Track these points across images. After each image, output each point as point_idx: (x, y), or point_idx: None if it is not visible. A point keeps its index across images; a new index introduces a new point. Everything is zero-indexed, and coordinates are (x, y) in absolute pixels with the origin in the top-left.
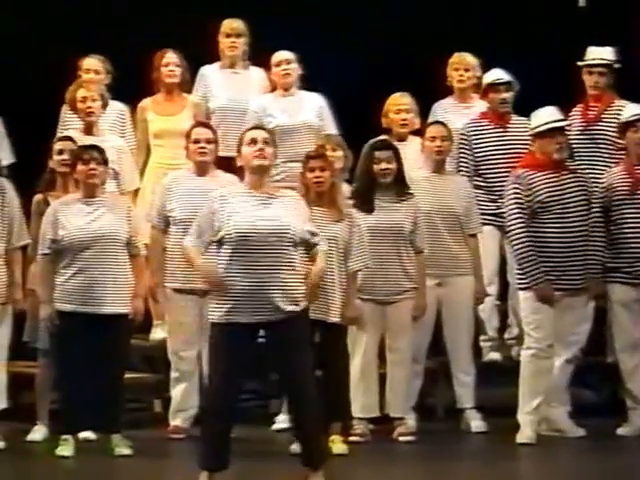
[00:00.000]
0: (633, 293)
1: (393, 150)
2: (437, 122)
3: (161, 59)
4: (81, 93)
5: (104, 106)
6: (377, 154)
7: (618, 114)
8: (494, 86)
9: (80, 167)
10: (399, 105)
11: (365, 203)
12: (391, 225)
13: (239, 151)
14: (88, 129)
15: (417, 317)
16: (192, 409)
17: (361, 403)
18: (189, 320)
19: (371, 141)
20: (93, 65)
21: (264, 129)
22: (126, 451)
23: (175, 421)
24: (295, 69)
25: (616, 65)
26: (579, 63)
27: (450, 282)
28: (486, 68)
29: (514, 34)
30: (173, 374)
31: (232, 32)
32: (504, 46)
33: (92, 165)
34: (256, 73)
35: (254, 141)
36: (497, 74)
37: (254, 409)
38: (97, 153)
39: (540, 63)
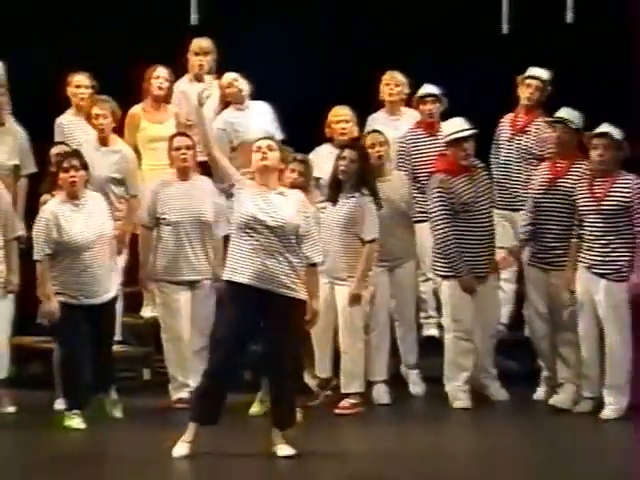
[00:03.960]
0: (543, 276)
1: (356, 150)
2: (374, 131)
3: (152, 72)
4: (95, 111)
5: (116, 120)
6: (343, 153)
7: (541, 128)
8: (423, 99)
9: (62, 175)
10: (339, 116)
11: (330, 197)
12: (338, 219)
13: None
14: (102, 140)
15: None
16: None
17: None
18: (179, 306)
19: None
20: (82, 81)
21: (268, 138)
22: (118, 414)
23: (179, 394)
24: (241, 86)
25: (549, 87)
26: (519, 77)
27: (399, 267)
28: (419, 84)
29: (446, 55)
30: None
31: (200, 51)
32: (437, 65)
33: (72, 173)
34: (217, 86)
35: (259, 148)
36: (427, 89)
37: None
38: (76, 160)
39: (467, 79)
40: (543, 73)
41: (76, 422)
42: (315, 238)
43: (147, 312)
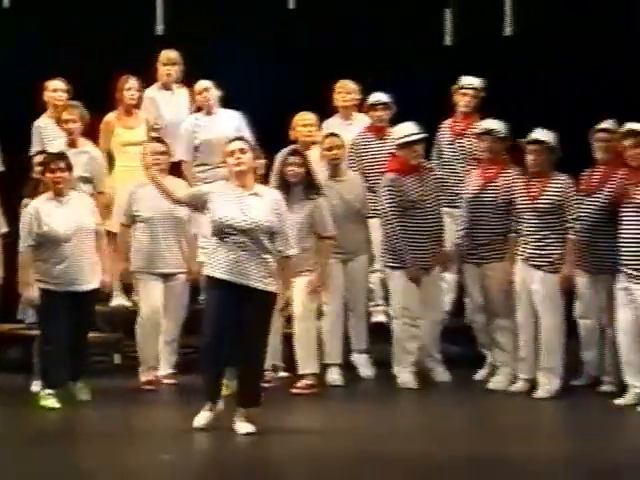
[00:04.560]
0: (477, 270)
1: (301, 156)
2: (332, 134)
3: (125, 83)
4: (64, 116)
5: (84, 124)
6: (289, 159)
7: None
8: (374, 106)
9: (48, 175)
10: (304, 120)
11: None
12: (299, 221)
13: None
14: (71, 143)
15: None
16: (155, 364)
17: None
18: (154, 295)
19: (285, 149)
20: (59, 86)
21: (239, 139)
22: (86, 397)
23: (146, 375)
24: (214, 94)
25: (482, 94)
26: (454, 87)
27: (353, 260)
28: (370, 91)
29: (395, 64)
30: (142, 337)
31: (168, 61)
32: (387, 74)
33: (57, 173)
34: (184, 93)
35: (232, 152)
36: (377, 97)
37: None
38: (62, 162)
39: (414, 87)
40: (476, 81)
41: (51, 402)
42: (288, 234)
43: (117, 301)
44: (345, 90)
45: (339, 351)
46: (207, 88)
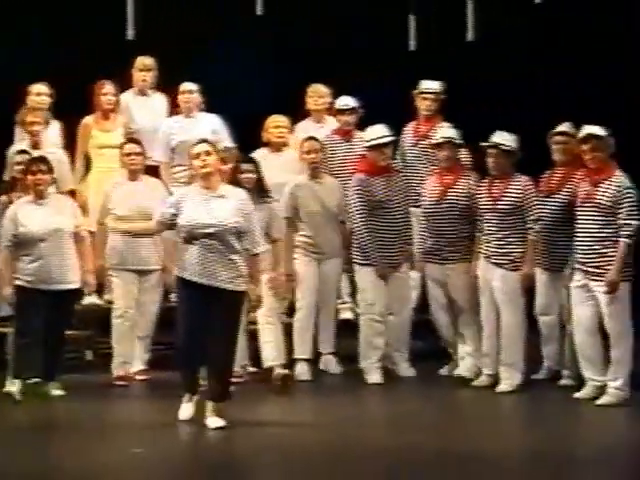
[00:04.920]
0: (441, 270)
1: (254, 163)
2: (311, 138)
3: (101, 89)
4: (29, 118)
5: (46, 125)
6: (243, 166)
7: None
8: (341, 110)
9: (29, 177)
10: (277, 122)
11: None
12: None
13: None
14: (35, 145)
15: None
16: (127, 359)
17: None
18: (128, 291)
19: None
20: (42, 90)
21: (205, 141)
22: (59, 392)
23: (118, 370)
24: (195, 97)
25: (442, 95)
26: (414, 91)
27: (326, 261)
28: (337, 94)
29: (361, 69)
30: (116, 332)
31: (144, 67)
32: (353, 78)
33: (38, 175)
34: (160, 98)
35: (197, 155)
36: (344, 101)
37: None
38: (43, 165)
39: (379, 90)
40: (436, 85)
41: (16, 389)
42: (255, 232)
43: (89, 299)
44: (317, 94)
45: (309, 347)
46: (191, 90)
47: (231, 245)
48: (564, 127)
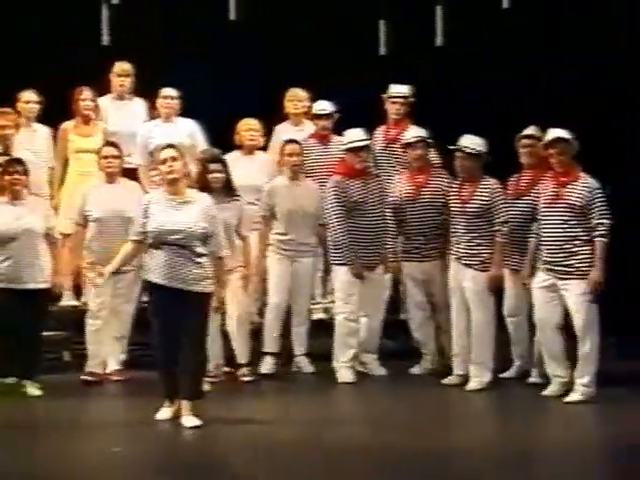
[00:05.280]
0: (418, 268)
1: (222, 163)
2: (292, 141)
3: (80, 94)
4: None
5: (17, 130)
6: (210, 166)
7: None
8: (318, 115)
9: (6, 177)
10: (249, 125)
11: None
12: (222, 220)
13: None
14: (6, 149)
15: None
16: (102, 358)
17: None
18: (105, 291)
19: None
20: (32, 97)
21: (171, 146)
22: (36, 392)
23: (91, 367)
24: (175, 103)
25: (411, 99)
26: (384, 95)
27: (300, 261)
28: (316, 98)
29: (332, 73)
30: (89, 332)
31: (122, 73)
32: (325, 82)
33: (15, 176)
34: (139, 103)
35: (164, 161)
36: (321, 105)
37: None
38: (19, 166)
39: (351, 95)
40: (404, 89)
41: None
42: (220, 236)
43: (66, 301)
44: (296, 98)
45: (276, 342)
46: (171, 96)
47: (197, 248)
48: (530, 130)
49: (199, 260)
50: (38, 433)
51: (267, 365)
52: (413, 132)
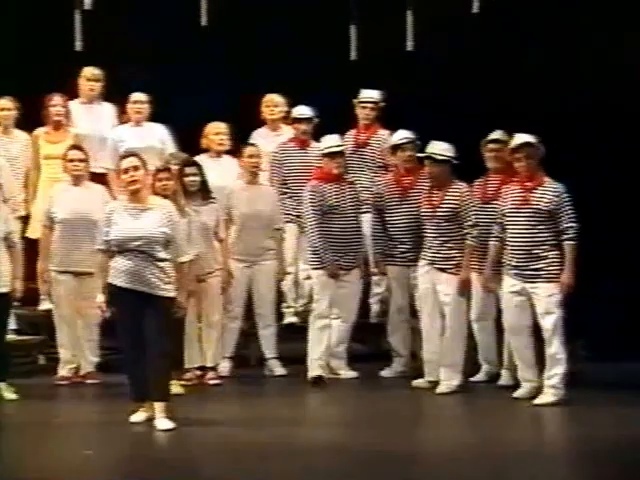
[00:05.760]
0: (403, 272)
1: (197, 166)
2: (251, 144)
3: (50, 101)
4: None
5: None
6: (186, 169)
7: (382, 140)
8: (298, 119)
9: None
10: (217, 129)
11: (179, 208)
12: (199, 223)
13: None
14: None
15: (224, 289)
16: (74, 362)
17: (187, 356)
18: (68, 294)
19: (183, 160)
20: (6, 105)
21: (133, 154)
22: (12, 396)
23: (63, 371)
24: (146, 108)
25: (381, 103)
26: (354, 100)
27: (257, 265)
28: (294, 104)
29: (304, 79)
30: (59, 335)
31: (92, 78)
32: (298, 88)
33: None
34: (108, 107)
35: (126, 170)
36: (301, 110)
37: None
38: None
39: (322, 100)
40: (374, 94)
41: None
42: (180, 242)
43: (43, 305)
44: (273, 103)
45: (231, 346)
46: (142, 101)
47: (159, 254)
48: (497, 135)
49: (161, 265)
50: (11, 436)
51: (224, 368)
52: (401, 134)
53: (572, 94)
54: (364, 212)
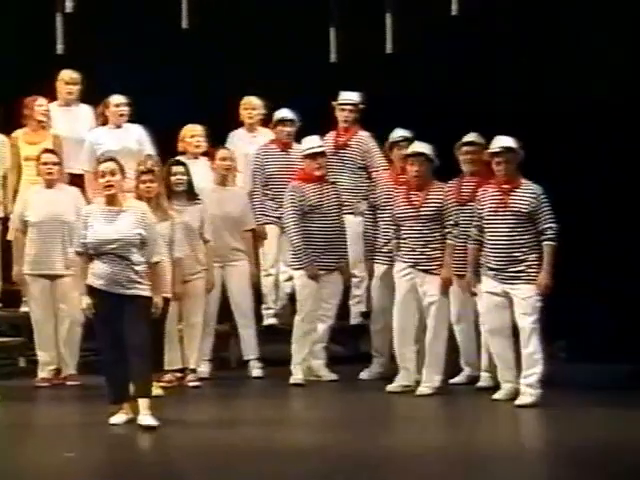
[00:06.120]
0: (391, 271)
1: (184, 166)
2: (224, 147)
3: (34, 102)
4: None
5: None
6: (173, 169)
7: (361, 141)
8: (282, 121)
9: None
10: (194, 131)
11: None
12: (184, 223)
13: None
14: None
15: (208, 290)
16: (53, 364)
17: (167, 358)
18: (43, 297)
19: (170, 160)
20: None
21: (111, 159)
22: None
23: (42, 373)
24: (126, 110)
25: (361, 105)
26: (334, 102)
27: (229, 265)
28: (274, 106)
29: (285, 81)
30: (36, 338)
31: (71, 81)
32: (278, 90)
33: None
34: (85, 109)
35: (102, 174)
36: (284, 113)
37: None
38: None
39: (302, 101)
40: (354, 96)
41: None
42: (155, 242)
43: (25, 307)
44: (251, 106)
45: (209, 349)
46: (122, 103)
47: (134, 255)
48: (472, 137)
49: (137, 267)
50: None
51: (202, 370)
52: (398, 132)
53: (572, 94)
54: (345, 214)
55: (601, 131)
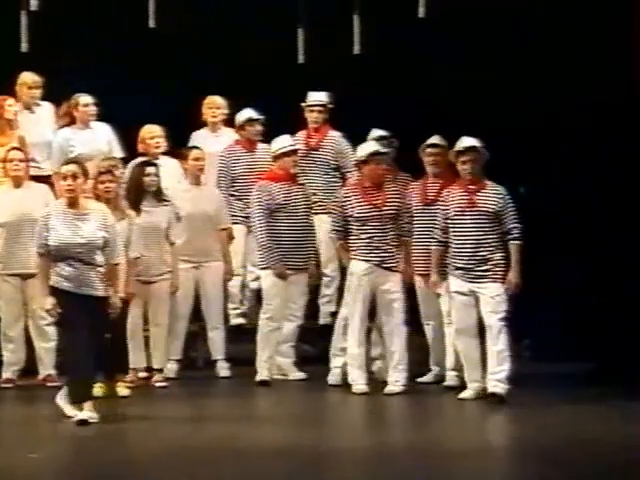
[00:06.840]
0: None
1: (156, 167)
2: (195, 147)
3: (4, 100)
4: None
5: None
6: (147, 169)
7: (334, 142)
8: (250, 121)
9: None
10: (153, 132)
11: (135, 206)
12: (152, 224)
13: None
14: None
15: (172, 292)
16: (18, 365)
17: (132, 358)
18: (15, 297)
19: (139, 160)
20: None
21: (74, 162)
22: None
23: (6, 374)
24: (94, 109)
25: (330, 105)
26: (302, 104)
27: (204, 266)
28: (239, 107)
29: (253, 82)
30: (3, 338)
31: (34, 85)
32: (246, 91)
33: None
34: (46, 107)
35: (65, 177)
36: (250, 113)
37: None
38: None
39: (270, 103)
40: (322, 97)
41: None
42: (115, 244)
43: None
44: (214, 105)
45: (178, 349)
46: (90, 103)
47: (97, 257)
48: (435, 139)
49: (100, 268)
50: None
51: (170, 370)
52: (377, 132)
53: (572, 94)
54: (316, 213)
55: (601, 131)
